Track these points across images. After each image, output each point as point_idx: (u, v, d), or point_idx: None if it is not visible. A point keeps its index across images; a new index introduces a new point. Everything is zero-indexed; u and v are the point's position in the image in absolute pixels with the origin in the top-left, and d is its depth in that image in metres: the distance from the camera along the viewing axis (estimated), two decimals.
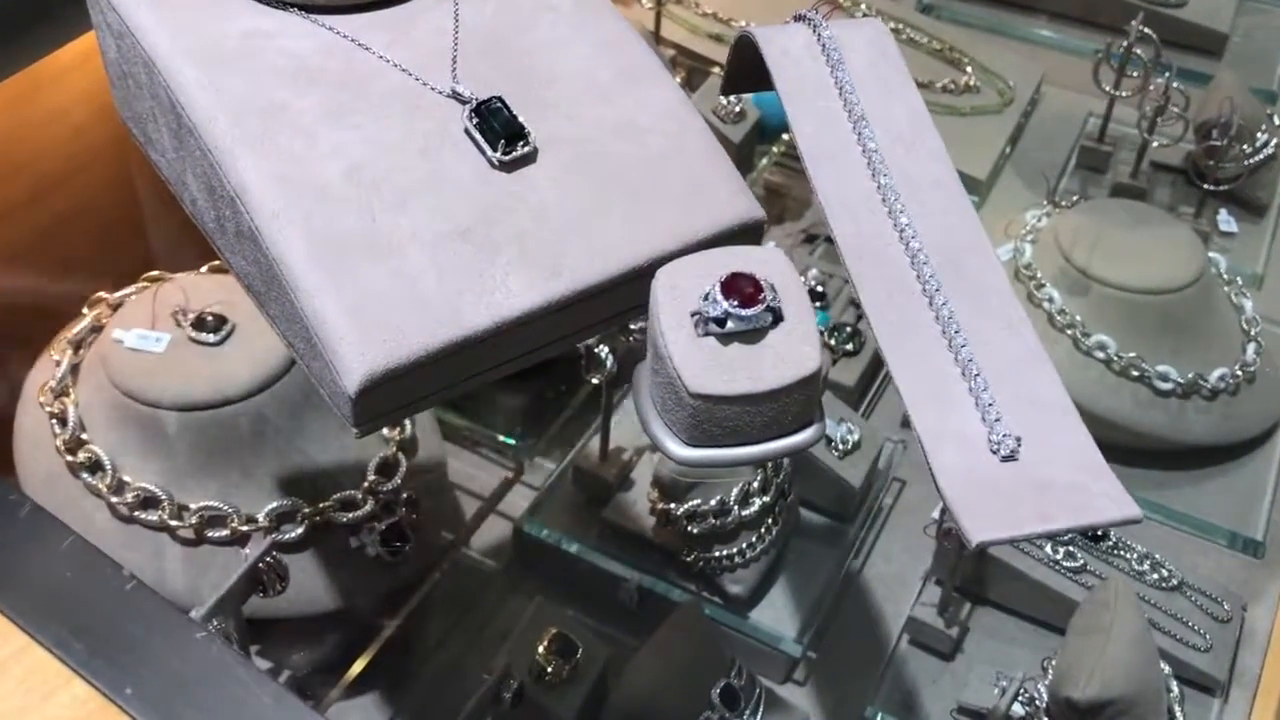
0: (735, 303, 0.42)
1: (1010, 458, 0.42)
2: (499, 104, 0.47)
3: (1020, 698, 0.70)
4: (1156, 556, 0.83)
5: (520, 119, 0.47)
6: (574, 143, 0.48)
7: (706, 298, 0.43)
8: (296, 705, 0.40)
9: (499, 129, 0.46)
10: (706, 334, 0.43)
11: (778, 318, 0.43)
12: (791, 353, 0.43)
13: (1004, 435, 0.43)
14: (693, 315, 0.43)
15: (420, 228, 0.45)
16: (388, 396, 0.44)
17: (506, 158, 0.46)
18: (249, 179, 0.45)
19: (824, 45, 0.53)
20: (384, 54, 0.48)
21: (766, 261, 0.44)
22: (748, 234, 0.49)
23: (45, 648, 0.41)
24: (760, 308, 0.42)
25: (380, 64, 0.48)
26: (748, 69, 0.55)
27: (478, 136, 0.47)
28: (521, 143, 0.47)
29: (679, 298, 0.43)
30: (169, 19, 0.47)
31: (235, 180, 0.45)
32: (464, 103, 0.47)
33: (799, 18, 0.54)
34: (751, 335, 0.43)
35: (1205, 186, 1.07)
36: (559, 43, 0.50)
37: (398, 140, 0.46)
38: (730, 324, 0.42)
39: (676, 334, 0.43)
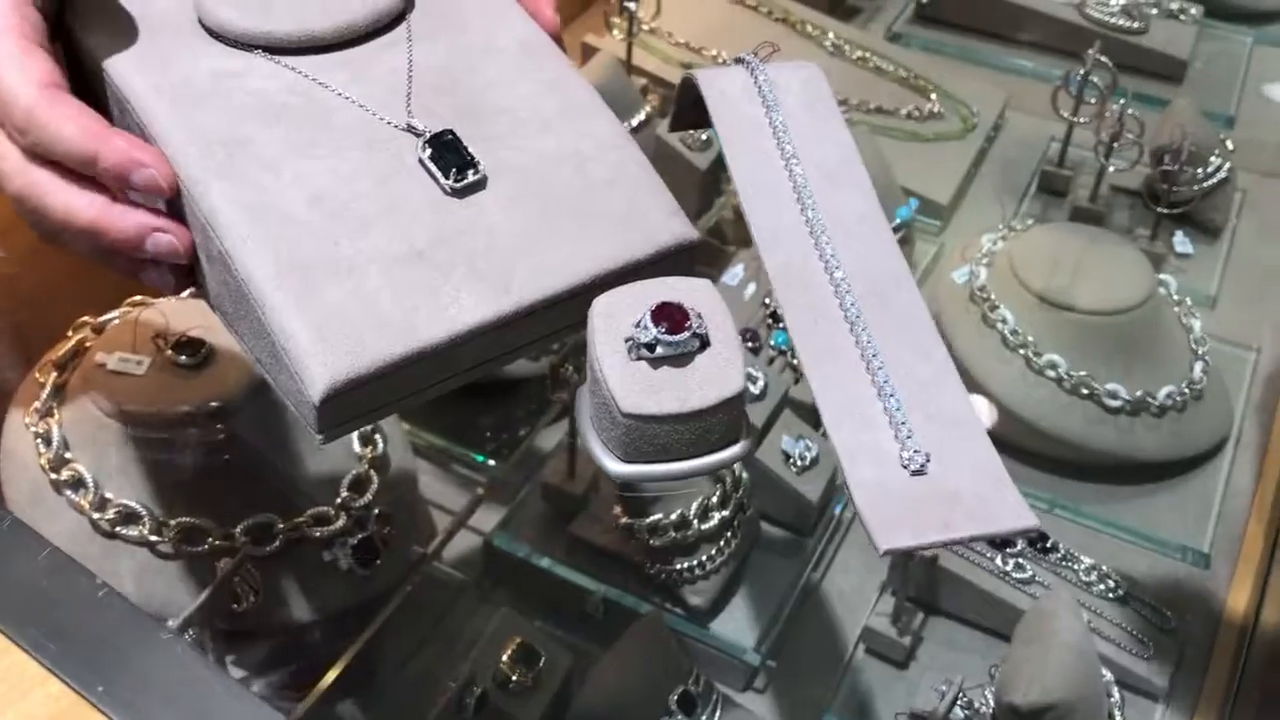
0: (664, 329, 0.46)
1: (920, 472, 0.46)
2: (450, 136, 0.51)
3: (960, 702, 0.73)
4: (1104, 568, 0.86)
5: (470, 150, 0.51)
6: (520, 171, 0.51)
7: (638, 324, 0.46)
8: (253, 700, 0.44)
9: (451, 159, 0.50)
10: (639, 358, 0.46)
11: (704, 343, 0.46)
12: (716, 375, 0.46)
13: (914, 451, 0.46)
14: (626, 341, 0.46)
15: (379, 250, 0.48)
16: (350, 405, 0.47)
17: (458, 185, 0.50)
18: (219, 206, 0.48)
19: (760, 88, 0.56)
20: (343, 91, 0.52)
21: (695, 291, 0.47)
22: (682, 254, 0.52)
23: (23, 649, 0.45)
24: (687, 334, 0.46)
25: (340, 101, 0.52)
26: (692, 108, 0.59)
27: (431, 166, 0.50)
28: (472, 171, 0.50)
29: (613, 325, 0.47)
30: (141, 61, 0.51)
31: (206, 207, 0.48)
32: (418, 135, 0.51)
33: (739, 60, 0.58)
34: (680, 359, 0.46)
35: (1160, 210, 1.11)
36: (506, 81, 0.54)
37: (357, 170, 0.50)
38: (660, 349, 0.46)
39: (611, 358, 0.46)
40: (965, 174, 1.19)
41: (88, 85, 0.52)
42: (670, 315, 0.46)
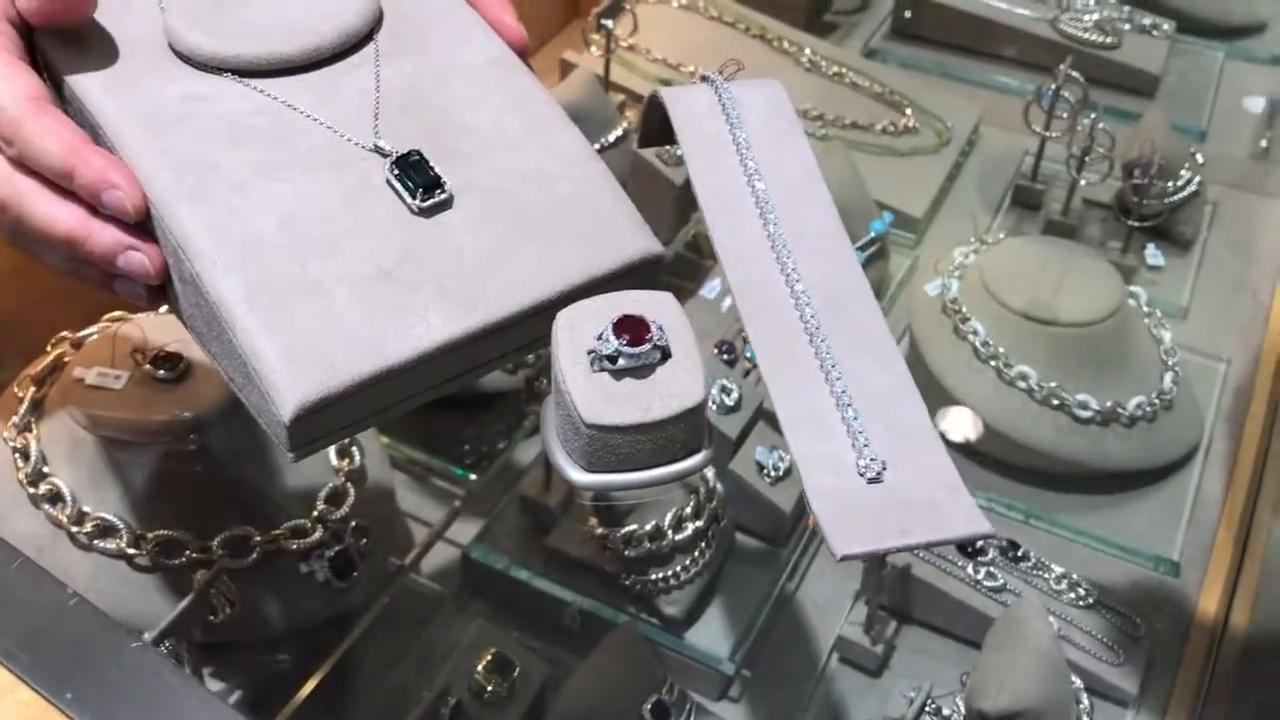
0: (626, 341, 0.47)
1: (876, 480, 0.47)
2: (417, 156, 0.52)
3: (929, 709, 0.74)
4: (1074, 576, 0.87)
5: (437, 169, 0.52)
6: (486, 189, 0.52)
7: (600, 337, 0.47)
8: (226, 710, 0.44)
9: (417, 179, 0.51)
10: (601, 370, 0.47)
11: (666, 355, 0.48)
12: (677, 386, 0.47)
13: (871, 460, 0.47)
14: (588, 353, 0.47)
15: (347, 270, 0.49)
16: (320, 423, 0.48)
17: (425, 205, 0.51)
18: (190, 229, 0.49)
19: (724, 105, 0.57)
20: (311, 113, 0.53)
21: (656, 303, 0.49)
22: (648, 268, 0.53)
23: None
24: (648, 346, 0.47)
25: (308, 122, 0.53)
26: (659, 126, 0.60)
27: (398, 186, 0.51)
28: (438, 190, 0.51)
29: (576, 338, 0.48)
30: (112, 85, 0.52)
31: (177, 230, 0.49)
32: (385, 156, 0.52)
33: (704, 78, 0.59)
34: (641, 371, 0.47)
35: (1131, 223, 1.12)
36: (472, 99, 0.55)
37: (325, 192, 0.51)
38: (621, 361, 0.47)
39: (574, 370, 0.47)
40: (940, 188, 1.20)
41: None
42: (632, 328, 0.47)
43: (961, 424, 0.96)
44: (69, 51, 0.53)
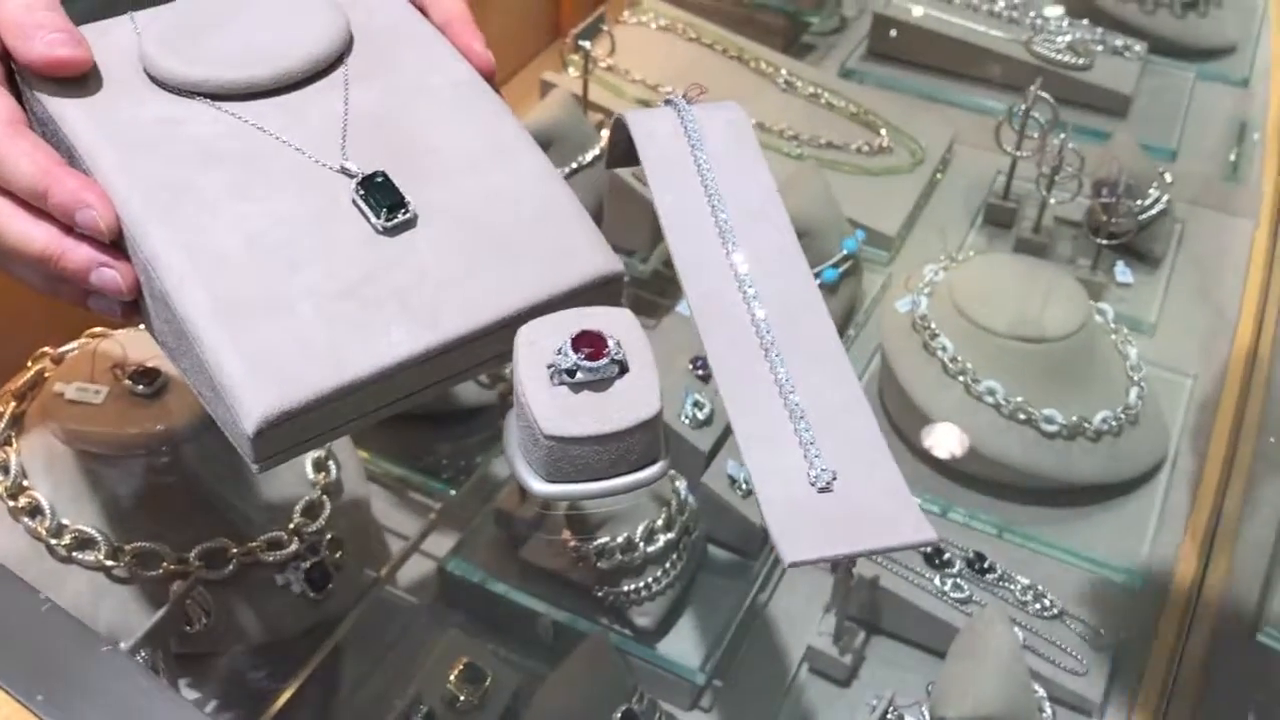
0: (584, 355, 0.48)
1: (826, 490, 0.48)
2: (382, 177, 0.53)
3: (892, 717, 0.75)
4: (1039, 588, 0.89)
5: (401, 190, 0.53)
6: (450, 209, 0.54)
7: (559, 351, 0.49)
8: (184, 704, 0.46)
9: (382, 199, 0.53)
10: (560, 383, 0.49)
11: (623, 369, 0.49)
12: (634, 399, 0.49)
13: (822, 470, 0.49)
14: (548, 367, 0.49)
15: (312, 288, 0.51)
16: (284, 435, 0.50)
17: (389, 224, 0.53)
18: (159, 248, 0.51)
19: (686, 128, 0.59)
20: (280, 135, 0.55)
21: (614, 319, 0.50)
22: (608, 286, 0.55)
23: None
24: (606, 360, 0.49)
25: (277, 144, 0.54)
26: (625, 147, 0.62)
27: (363, 206, 0.53)
28: (402, 210, 0.53)
29: (537, 352, 0.49)
30: (88, 108, 0.53)
31: (148, 248, 0.51)
32: (351, 177, 0.54)
33: (667, 102, 0.61)
34: (599, 384, 0.49)
35: (1100, 241, 1.14)
36: (438, 122, 0.57)
37: (292, 211, 0.52)
38: (580, 374, 0.49)
39: (534, 384, 0.49)
40: (913, 207, 1.22)
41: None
42: (590, 342, 0.49)
43: (947, 440, 0.97)
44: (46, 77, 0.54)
